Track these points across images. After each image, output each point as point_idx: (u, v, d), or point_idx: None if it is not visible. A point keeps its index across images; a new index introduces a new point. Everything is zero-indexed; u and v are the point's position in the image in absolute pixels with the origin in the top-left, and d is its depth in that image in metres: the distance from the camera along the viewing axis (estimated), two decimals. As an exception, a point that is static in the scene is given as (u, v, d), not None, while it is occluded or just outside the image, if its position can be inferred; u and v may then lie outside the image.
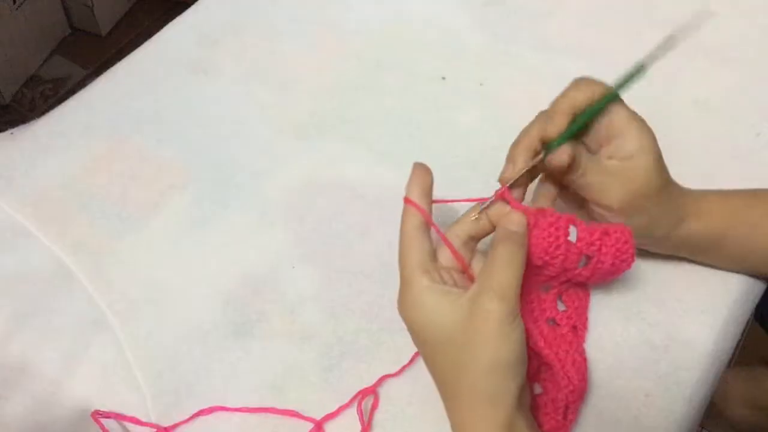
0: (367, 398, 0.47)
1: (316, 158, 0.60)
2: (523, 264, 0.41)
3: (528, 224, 0.43)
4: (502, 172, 0.46)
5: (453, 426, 0.42)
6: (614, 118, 0.45)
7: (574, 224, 0.44)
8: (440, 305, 0.41)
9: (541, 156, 0.45)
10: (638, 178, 0.45)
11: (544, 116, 0.46)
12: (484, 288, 0.40)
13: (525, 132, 0.46)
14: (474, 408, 0.39)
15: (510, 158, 0.46)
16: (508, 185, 0.45)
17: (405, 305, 0.42)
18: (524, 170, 0.45)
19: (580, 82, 0.46)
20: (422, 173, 0.45)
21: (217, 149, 0.61)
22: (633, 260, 0.45)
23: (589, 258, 0.44)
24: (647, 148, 0.45)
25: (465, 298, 0.40)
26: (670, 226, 0.47)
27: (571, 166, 0.44)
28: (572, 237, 0.44)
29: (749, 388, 1.00)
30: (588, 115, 0.45)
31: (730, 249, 0.49)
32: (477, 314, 0.39)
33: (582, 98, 0.45)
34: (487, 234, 0.46)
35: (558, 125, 0.45)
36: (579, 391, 0.44)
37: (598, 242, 0.44)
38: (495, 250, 0.41)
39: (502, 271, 0.40)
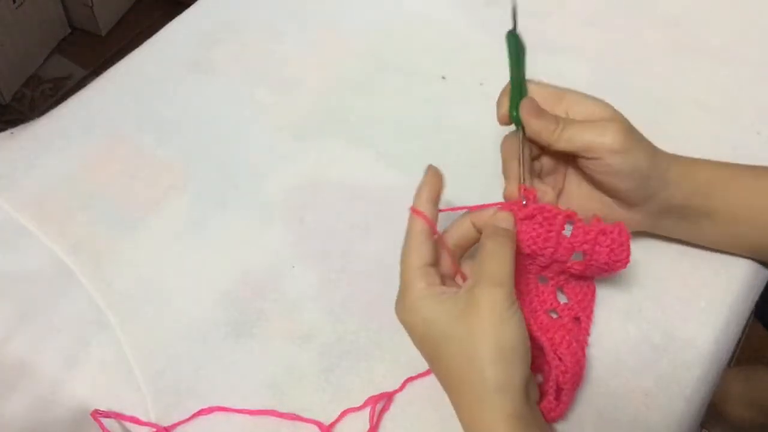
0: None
1: (316, 158, 0.60)
2: (513, 255, 0.42)
3: (519, 216, 0.44)
4: (505, 189, 0.47)
5: (463, 424, 0.42)
6: (557, 95, 0.47)
7: (572, 221, 0.44)
8: (436, 306, 0.42)
9: (525, 152, 0.46)
10: (619, 120, 0.46)
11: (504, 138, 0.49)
12: (480, 279, 0.41)
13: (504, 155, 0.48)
14: (483, 399, 0.40)
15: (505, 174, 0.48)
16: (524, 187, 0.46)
17: (402, 309, 0.43)
18: (519, 170, 0.46)
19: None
20: (433, 179, 0.45)
21: (217, 149, 0.61)
22: (628, 261, 0.45)
23: (583, 254, 0.45)
24: (604, 105, 0.46)
25: (461, 293, 0.41)
26: (668, 160, 0.47)
27: (551, 121, 0.46)
28: (567, 232, 0.44)
29: (749, 388, 1.00)
30: (513, 66, 0.47)
31: (731, 202, 0.48)
32: (476, 304, 0.40)
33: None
34: (474, 243, 0.47)
35: (504, 106, 0.47)
36: (572, 373, 0.44)
37: (592, 241, 0.44)
38: (484, 246, 0.43)
39: (493, 262, 0.41)
